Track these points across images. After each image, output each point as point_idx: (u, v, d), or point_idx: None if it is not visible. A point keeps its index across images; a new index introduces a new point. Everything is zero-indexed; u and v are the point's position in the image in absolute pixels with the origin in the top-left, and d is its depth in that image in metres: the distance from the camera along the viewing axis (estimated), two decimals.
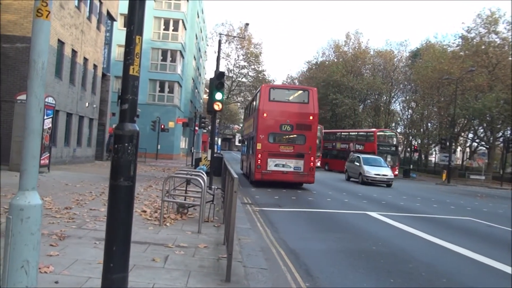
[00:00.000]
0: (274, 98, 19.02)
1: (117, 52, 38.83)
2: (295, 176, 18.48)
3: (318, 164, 36.65)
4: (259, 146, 18.47)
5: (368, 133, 39.55)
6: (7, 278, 2.23)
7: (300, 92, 21.08)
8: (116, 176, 3.07)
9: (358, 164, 25.97)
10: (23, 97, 14.91)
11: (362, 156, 27.01)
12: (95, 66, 25.51)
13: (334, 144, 42.53)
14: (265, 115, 18.65)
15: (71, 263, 4.89)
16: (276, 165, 18.38)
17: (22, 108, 14.48)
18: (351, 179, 27.26)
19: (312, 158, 18.70)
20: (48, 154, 16.09)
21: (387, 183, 24.49)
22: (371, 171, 24.59)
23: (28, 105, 2.28)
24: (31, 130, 2.28)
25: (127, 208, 3.11)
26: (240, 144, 43.19)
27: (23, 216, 2.23)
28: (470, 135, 50.96)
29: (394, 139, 39.33)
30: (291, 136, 19.14)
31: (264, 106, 18.64)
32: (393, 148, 37.87)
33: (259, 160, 18.31)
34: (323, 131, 40.67)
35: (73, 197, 10.18)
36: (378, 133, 37.69)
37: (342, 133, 44.67)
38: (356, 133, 41.83)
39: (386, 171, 24.96)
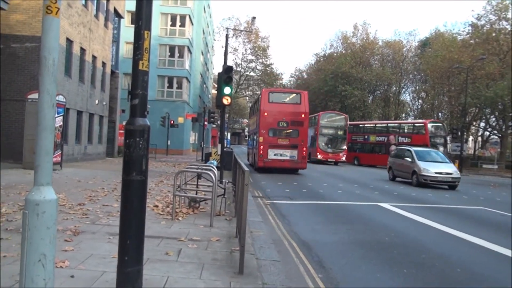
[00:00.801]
0: (273, 100, 23.55)
1: (125, 49, 38.97)
2: (291, 163, 22.80)
3: (343, 158, 36.63)
4: (261, 139, 22.72)
5: (416, 125, 35.87)
6: (25, 272, 2.27)
7: (294, 95, 25.48)
8: (129, 170, 3.10)
9: (410, 159, 19.77)
10: (33, 96, 15.07)
11: (414, 149, 20.65)
12: (103, 64, 25.64)
13: (366, 137, 39.90)
14: (265, 114, 22.84)
15: (86, 257, 4.95)
16: (275, 155, 22.64)
17: (33, 107, 14.65)
18: (398, 178, 21.45)
19: (305, 148, 23.25)
20: (60, 152, 16.25)
21: (451, 184, 18.76)
22: (430, 168, 18.65)
23: (40, 101, 2.31)
24: (44, 127, 2.30)
25: (140, 202, 3.13)
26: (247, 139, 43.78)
27: (39, 211, 2.27)
28: (482, 124, 50.47)
29: (443, 130, 35.43)
30: (287, 131, 23.21)
31: (264, 107, 22.94)
32: (442, 141, 33.95)
33: (261, 151, 22.59)
34: (348, 123, 38.81)
35: (86, 193, 10.29)
36: (429, 124, 33.69)
37: (378, 125, 41.70)
38: (398, 125, 38.71)
39: (449, 168, 19.04)
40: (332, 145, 36.92)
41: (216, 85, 19.01)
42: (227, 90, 13.99)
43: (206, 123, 35.05)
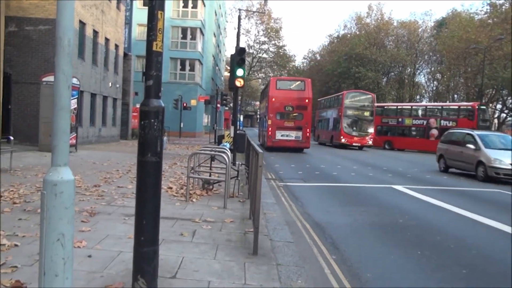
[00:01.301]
0: (280, 87, 26.52)
1: (138, 31, 38.90)
2: (296, 143, 25.66)
3: (370, 142, 33.10)
4: (269, 122, 25.60)
5: (463, 108, 32.79)
6: (44, 251, 2.31)
7: (298, 82, 28.62)
8: (144, 152, 3.11)
9: (472, 146, 15.52)
10: (48, 78, 15.18)
11: (477, 133, 16.39)
12: (116, 46, 25.66)
13: (400, 119, 36.71)
14: (273, 99, 25.67)
15: (103, 238, 5.03)
16: (282, 135, 25.51)
17: (48, 89, 14.78)
18: (451, 169, 17.46)
19: (308, 130, 25.98)
20: (75, 134, 16.42)
21: None
22: (504, 159, 14.16)
23: (56, 82, 2.31)
24: (60, 107, 2.31)
25: (155, 183, 3.15)
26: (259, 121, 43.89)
27: (57, 191, 2.29)
28: (499, 106, 49.50)
29: (488, 114, 33.07)
30: (293, 114, 26.00)
31: (273, 93, 25.86)
32: (488, 124, 31.70)
33: (270, 132, 25.51)
34: (375, 104, 35.26)
35: (101, 175, 10.41)
36: (477, 107, 30.94)
37: (414, 107, 38.51)
38: (441, 108, 35.37)
39: None
40: (357, 128, 33.09)
41: (228, 67, 19.03)
42: (240, 72, 13.92)
43: (218, 105, 35.05)
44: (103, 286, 3.59)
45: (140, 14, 33.51)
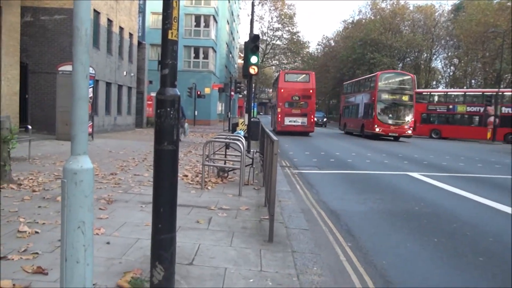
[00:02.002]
0: (288, 80, 30.45)
1: (151, 20, 38.94)
2: (302, 128, 29.38)
3: (409, 132, 28.60)
4: (279, 110, 29.56)
5: None
6: (65, 238, 2.36)
7: (304, 75, 32.35)
8: (160, 140, 3.13)
9: None
10: (64, 68, 15.32)
11: None
12: (130, 35, 25.73)
13: (451, 106, 34.64)
14: (282, 90, 29.57)
15: (120, 225, 5.11)
16: (289, 121, 29.30)
17: (64, 79, 14.93)
18: None
19: (312, 116, 29.93)
20: (91, 123, 16.60)
21: None
22: None
23: (74, 72, 2.33)
24: (78, 97, 2.33)
25: (172, 171, 3.17)
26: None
27: (77, 180, 2.33)
28: None
29: None
30: (299, 103, 29.56)
31: (282, 85, 29.80)
32: None
33: (279, 118, 29.43)
34: (415, 91, 31.41)
35: (117, 163, 10.54)
36: None
37: (468, 94, 36.06)
38: (502, 94, 32.61)
39: None
40: (394, 115, 28.80)
41: (242, 55, 18.96)
42: (253, 59, 13.87)
43: (232, 93, 35.02)
44: (122, 272, 3.66)
45: (154, 2, 33.47)
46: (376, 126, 28.30)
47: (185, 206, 6.27)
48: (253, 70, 13.90)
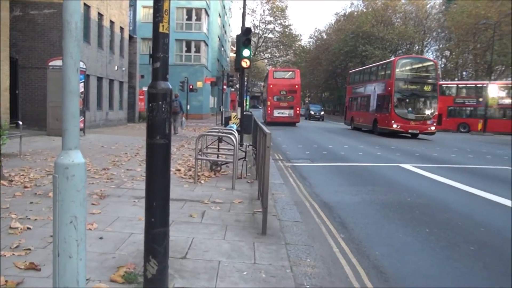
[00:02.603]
0: (276, 77, 34.45)
1: (142, 13, 38.61)
2: (289, 119, 32.99)
3: (433, 128, 24.58)
4: (268, 103, 33.30)
5: None
6: (57, 233, 2.35)
7: (290, 72, 35.76)
8: (152, 134, 3.11)
9: None
10: (55, 62, 15.19)
11: None
12: (121, 29, 25.52)
13: (481, 99, 33.12)
14: (271, 86, 33.30)
15: (113, 220, 5.10)
16: (278, 113, 32.96)
17: (55, 74, 14.81)
18: None
19: (298, 108, 34.01)
20: (83, 118, 16.50)
21: None
22: None
23: (64, 66, 2.31)
24: (69, 91, 2.31)
25: (164, 165, 3.16)
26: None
27: (69, 174, 2.31)
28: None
29: None
30: (286, 97, 33.14)
31: (271, 81, 33.66)
32: None
33: (269, 111, 33.10)
34: (439, 83, 28.64)
35: (109, 158, 10.49)
36: None
37: (501, 86, 33.81)
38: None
39: None
40: (415, 109, 24.76)
41: (234, 48, 18.95)
42: (246, 52, 13.82)
43: (225, 87, 34.91)
44: (115, 267, 3.66)
45: None
46: (393, 121, 24.08)
47: (178, 200, 6.27)
48: (245, 63, 13.86)
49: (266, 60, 77.12)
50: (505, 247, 5.14)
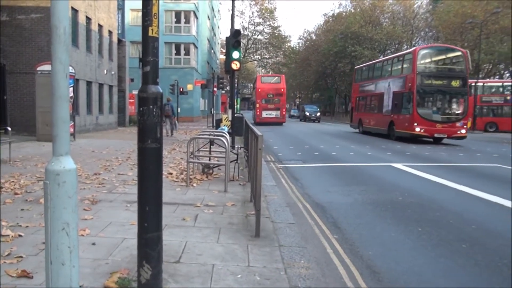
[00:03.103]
0: (263, 81, 39.01)
1: (131, 17, 38.46)
2: (276, 119, 36.86)
3: (463, 131, 20.19)
4: (257, 105, 37.23)
5: None
6: (50, 240, 2.33)
7: (276, 77, 41.07)
8: (144, 138, 3.10)
9: None
10: (43, 67, 15.06)
11: None
12: (110, 32, 25.39)
13: (508, 98, 31.94)
14: (259, 90, 37.53)
15: (106, 225, 5.06)
16: (266, 114, 36.86)
17: (43, 79, 14.68)
18: None
19: (284, 109, 38.25)
20: (73, 123, 16.36)
21: None
22: None
23: (53, 71, 2.29)
24: (58, 96, 2.30)
25: (156, 169, 3.15)
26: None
27: (60, 181, 2.29)
28: None
29: None
30: (273, 99, 37.30)
31: (259, 86, 38.11)
32: None
33: (258, 112, 37.11)
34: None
35: (100, 163, 10.42)
36: None
37: None
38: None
39: None
40: (442, 108, 20.68)
41: (224, 50, 18.95)
42: (235, 54, 13.83)
43: (215, 89, 34.84)
44: (108, 273, 3.63)
45: None
46: (415, 124, 19.93)
47: (171, 204, 6.24)
48: (235, 65, 13.87)
49: (256, 62, 77.22)
50: (496, 244, 5.19)
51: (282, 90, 38.02)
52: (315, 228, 5.68)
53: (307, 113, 51.51)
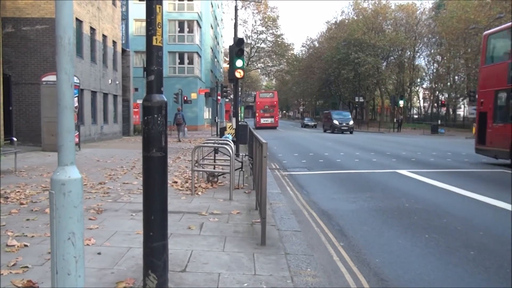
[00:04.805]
0: (261, 97, 51.20)
1: (135, 26, 38.74)
2: (271, 124, 48.04)
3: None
4: (257, 114, 49.65)
5: None
6: (55, 250, 2.32)
7: (271, 93, 53.58)
8: (148, 147, 3.10)
9: None
10: (48, 78, 15.17)
11: None
12: (114, 43, 25.57)
13: None
14: (258, 103, 49.79)
15: (111, 235, 5.05)
16: (263, 121, 48.32)
17: (49, 89, 14.78)
18: None
19: (276, 117, 50.56)
20: (78, 133, 16.42)
21: None
22: None
23: (59, 81, 2.30)
24: (64, 106, 2.30)
25: (161, 178, 3.15)
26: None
27: (65, 190, 2.29)
28: None
29: None
30: (269, 110, 48.93)
31: (258, 100, 50.67)
32: None
33: (258, 119, 49.07)
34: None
35: (105, 172, 10.44)
36: None
37: None
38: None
39: None
40: None
41: (227, 59, 19.05)
42: (239, 63, 13.86)
43: (219, 97, 34.96)
44: (114, 282, 3.61)
45: (136, 9, 33.32)
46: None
47: (176, 212, 6.23)
48: (239, 73, 13.89)
49: (259, 70, 77.43)
50: (505, 250, 5.13)
51: (275, 103, 50.40)
52: (321, 236, 5.64)
53: (336, 122, 40.07)
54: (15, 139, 11.70)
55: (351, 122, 40.62)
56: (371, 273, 4.36)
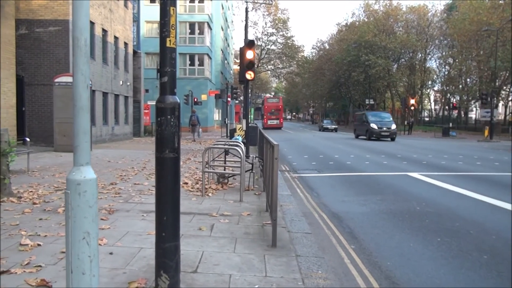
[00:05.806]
0: (269, 101, 61.33)
1: (146, 28, 39.00)
2: (276, 125, 55.98)
3: None
4: (265, 116, 58.02)
5: None
6: (70, 249, 2.34)
7: (276, 99, 65.58)
8: (161, 148, 3.12)
9: None
10: (61, 79, 15.33)
11: None
12: (125, 44, 25.76)
13: None
14: (266, 107, 58.64)
15: (123, 235, 5.08)
16: (270, 122, 56.20)
17: (61, 90, 14.93)
18: None
19: (281, 119, 59.18)
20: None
21: None
22: None
23: (75, 82, 2.33)
24: (80, 107, 2.33)
25: (174, 179, 3.16)
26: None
27: (81, 190, 2.32)
28: None
29: None
30: (275, 113, 57.13)
31: (266, 104, 59.99)
32: None
33: (265, 121, 56.90)
34: None
35: (116, 173, 10.51)
36: None
37: None
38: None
39: None
40: None
41: (237, 61, 19.07)
42: (249, 54, 13.83)
43: (229, 99, 35.02)
44: (126, 282, 3.64)
45: (148, 11, 33.59)
46: None
47: (187, 213, 6.25)
48: (249, 75, 13.91)
49: (269, 72, 77.44)
50: None
51: (280, 107, 59.05)
52: (332, 238, 5.62)
53: (374, 126, 30.99)
54: (28, 139, 11.83)
55: (394, 126, 30.96)
56: (382, 276, 4.33)
